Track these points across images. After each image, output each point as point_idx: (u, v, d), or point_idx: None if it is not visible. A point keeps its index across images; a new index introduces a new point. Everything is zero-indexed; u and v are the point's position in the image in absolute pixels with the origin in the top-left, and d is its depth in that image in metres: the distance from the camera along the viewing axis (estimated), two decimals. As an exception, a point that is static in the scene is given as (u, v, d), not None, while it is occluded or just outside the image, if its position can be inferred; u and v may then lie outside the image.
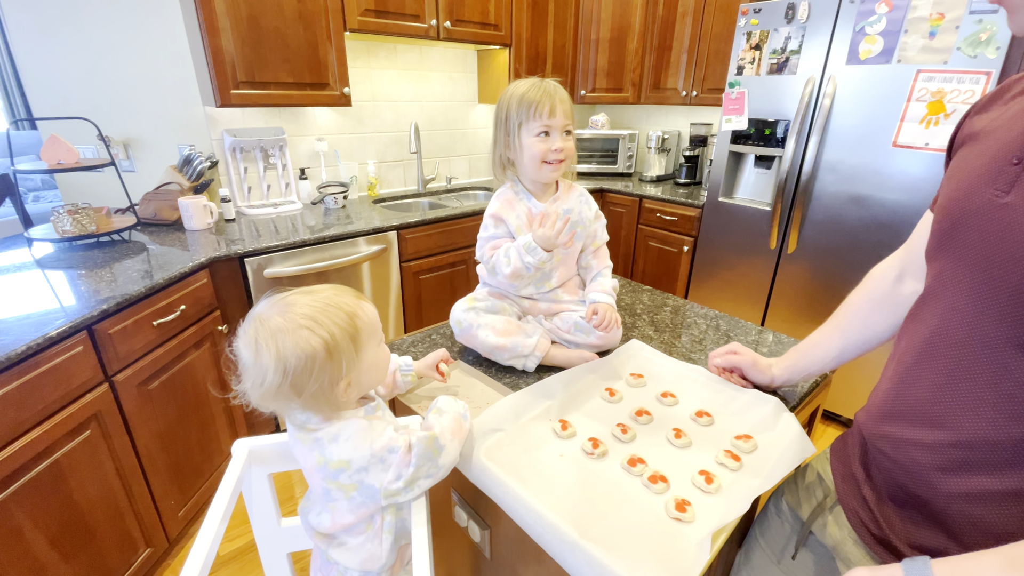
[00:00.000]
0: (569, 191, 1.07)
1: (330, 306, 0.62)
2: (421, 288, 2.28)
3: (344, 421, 0.66)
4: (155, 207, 1.97)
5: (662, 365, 0.96)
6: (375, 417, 0.70)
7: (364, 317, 0.65)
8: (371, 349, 0.66)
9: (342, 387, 0.63)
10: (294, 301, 0.62)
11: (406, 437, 0.66)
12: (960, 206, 0.54)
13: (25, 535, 1.05)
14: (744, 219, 2.27)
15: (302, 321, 0.60)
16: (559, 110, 0.93)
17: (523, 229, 1.02)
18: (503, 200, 1.04)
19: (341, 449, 0.64)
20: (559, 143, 0.96)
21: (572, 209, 1.04)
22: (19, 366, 1.03)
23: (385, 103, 2.55)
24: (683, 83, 2.69)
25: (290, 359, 0.59)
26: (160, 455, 1.42)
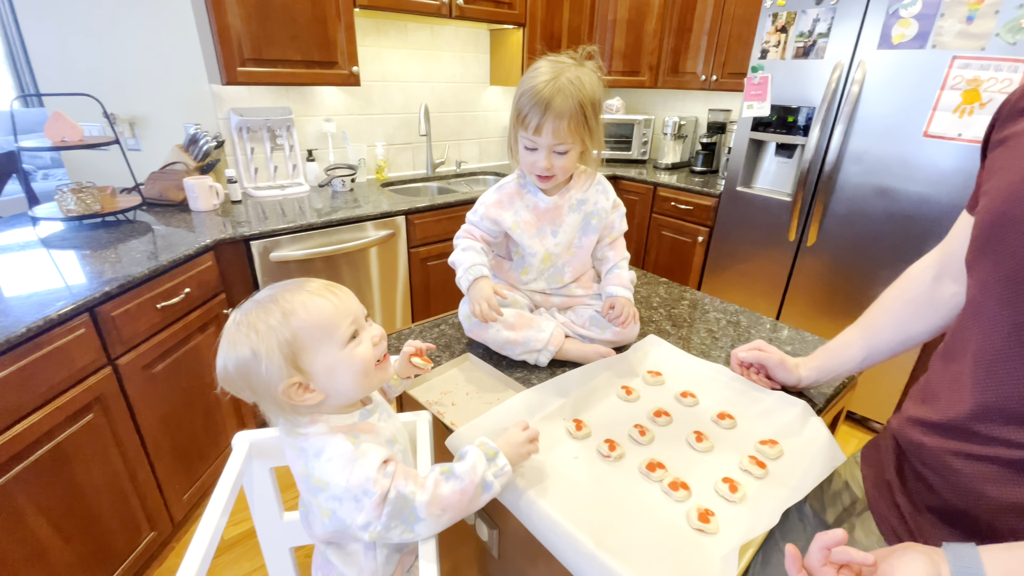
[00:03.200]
0: (584, 180, 0.98)
1: (271, 304, 0.57)
2: (429, 274, 2.25)
3: (330, 436, 0.59)
4: (160, 187, 1.93)
5: (681, 362, 0.92)
6: (366, 430, 0.62)
7: (305, 316, 0.56)
8: (324, 354, 0.57)
9: (292, 391, 0.57)
10: (258, 298, 0.59)
11: (386, 482, 0.56)
12: (998, 214, 0.50)
13: (28, 519, 1.03)
14: (762, 210, 2.20)
15: (242, 322, 0.56)
16: (547, 129, 0.82)
17: (519, 227, 0.96)
18: (503, 195, 0.97)
19: (323, 468, 0.58)
20: (543, 163, 0.87)
21: (586, 200, 0.98)
22: (20, 348, 1.01)
23: (395, 83, 2.48)
24: (702, 67, 2.60)
25: (229, 364, 0.56)
26: (164, 439, 1.41)
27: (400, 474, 0.58)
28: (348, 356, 0.59)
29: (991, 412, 0.49)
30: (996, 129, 0.58)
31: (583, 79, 0.83)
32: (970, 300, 0.55)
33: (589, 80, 0.84)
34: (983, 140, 0.60)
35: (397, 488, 0.57)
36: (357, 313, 0.61)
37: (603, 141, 0.89)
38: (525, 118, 0.83)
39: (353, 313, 0.61)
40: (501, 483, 0.62)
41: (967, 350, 0.53)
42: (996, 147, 0.56)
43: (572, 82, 0.81)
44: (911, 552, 0.42)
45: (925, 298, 0.72)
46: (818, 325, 2.12)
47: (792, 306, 2.21)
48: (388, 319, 2.17)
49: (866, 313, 0.80)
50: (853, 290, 2.01)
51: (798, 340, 1.05)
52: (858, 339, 0.79)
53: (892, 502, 0.60)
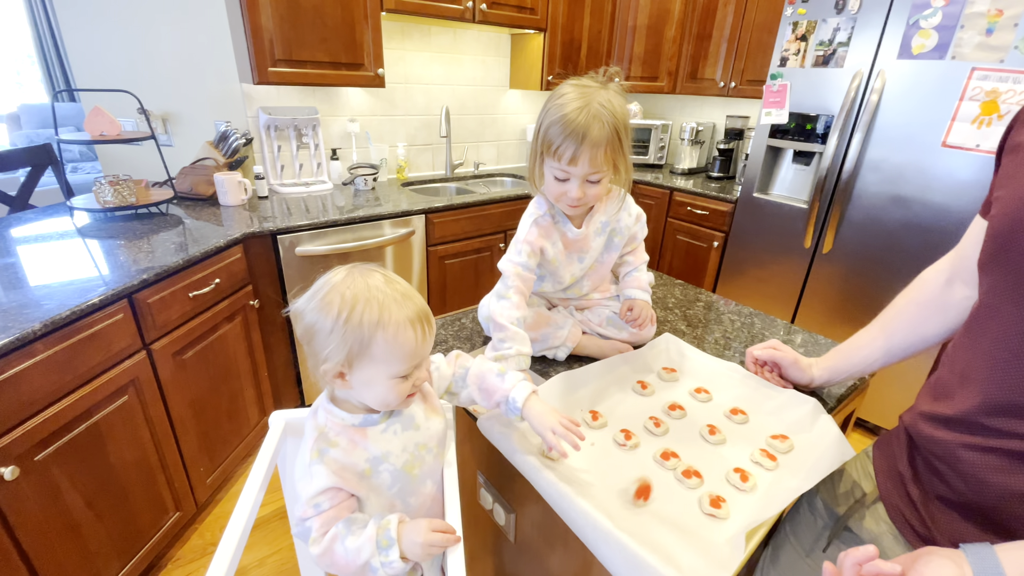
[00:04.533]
0: (607, 201, 0.95)
1: (376, 303, 0.58)
2: (446, 273, 2.29)
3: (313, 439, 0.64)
4: (191, 182, 2.00)
5: (696, 360, 0.95)
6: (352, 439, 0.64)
7: (388, 340, 0.58)
8: (376, 372, 0.60)
9: (329, 371, 0.60)
10: (372, 276, 0.61)
11: (309, 512, 0.61)
12: (1012, 219, 0.52)
13: (64, 494, 1.09)
14: (779, 216, 2.22)
15: (345, 292, 0.58)
16: (584, 158, 0.78)
17: (557, 259, 0.94)
18: (542, 228, 0.92)
19: (298, 467, 0.65)
20: (575, 192, 0.82)
21: (610, 221, 0.96)
22: (63, 330, 1.07)
23: (417, 86, 2.54)
24: (721, 73, 2.62)
25: (308, 314, 0.59)
26: (192, 423, 1.47)
27: (324, 520, 0.61)
28: (389, 384, 0.61)
29: (1001, 407, 0.52)
30: (1011, 135, 0.59)
31: (614, 103, 0.79)
32: (983, 302, 0.57)
33: (619, 103, 0.80)
34: (998, 146, 0.62)
35: (310, 524, 0.61)
36: (424, 357, 0.64)
37: (631, 161, 0.85)
38: (558, 149, 0.79)
39: (421, 357, 0.63)
40: (389, 574, 0.60)
41: (980, 349, 0.55)
42: (1010, 153, 0.58)
43: (604, 107, 0.78)
44: (936, 557, 0.44)
45: (938, 301, 0.74)
46: (832, 332, 2.12)
47: (806, 313, 2.21)
48: (405, 315, 2.22)
49: (880, 316, 0.82)
50: (868, 298, 2.01)
51: (811, 343, 1.07)
52: (871, 341, 0.82)
53: (904, 491, 0.62)
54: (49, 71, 4.68)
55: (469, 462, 0.94)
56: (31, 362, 1.00)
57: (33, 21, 4.46)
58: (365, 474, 0.65)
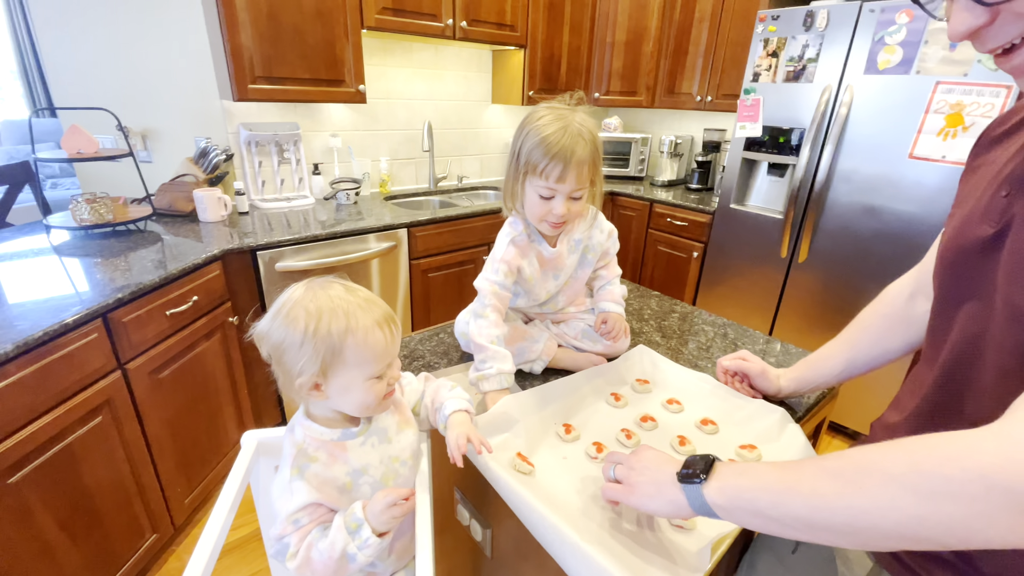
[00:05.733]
0: (579, 220, 0.96)
1: (342, 312, 0.60)
2: (429, 286, 2.30)
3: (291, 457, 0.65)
4: (171, 198, 1.99)
5: (668, 372, 0.96)
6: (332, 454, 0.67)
7: (359, 344, 0.61)
8: (351, 377, 0.62)
9: (304, 384, 0.61)
10: (332, 288, 0.64)
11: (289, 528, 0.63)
12: (954, 243, 0.55)
13: (36, 517, 1.07)
14: (755, 227, 2.26)
15: (309, 306, 0.61)
16: (571, 175, 0.81)
17: (534, 278, 0.96)
18: (519, 247, 0.93)
19: (275, 484, 0.66)
20: (560, 209, 0.84)
21: (582, 239, 0.98)
22: (36, 351, 1.05)
23: (399, 101, 2.56)
24: (698, 88, 2.68)
25: (275, 332, 0.61)
26: (168, 443, 1.45)
27: (302, 534, 0.63)
28: (365, 387, 0.63)
29: (943, 411, 0.54)
30: (971, 157, 0.62)
31: (587, 123, 0.83)
32: (931, 313, 0.60)
33: (592, 123, 0.85)
34: (965, 164, 0.64)
35: (288, 540, 0.62)
36: (395, 356, 0.66)
37: (602, 176, 0.89)
38: (544, 168, 0.81)
39: (392, 356, 0.66)
40: (367, 554, 0.62)
41: (932, 358, 0.58)
42: (967, 174, 0.61)
43: (583, 125, 0.82)
44: None
45: (901, 315, 0.77)
46: (810, 339, 2.16)
47: (784, 321, 2.25)
48: (388, 329, 2.22)
49: (846, 328, 0.84)
50: (843, 305, 2.05)
51: (783, 352, 1.09)
52: (837, 353, 0.84)
53: None
54: (30, 87, 4.64)
55: (447, 478, 0.94)
56: (3, 384, 0.98)
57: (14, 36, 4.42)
58: (346, 488, 0.67)
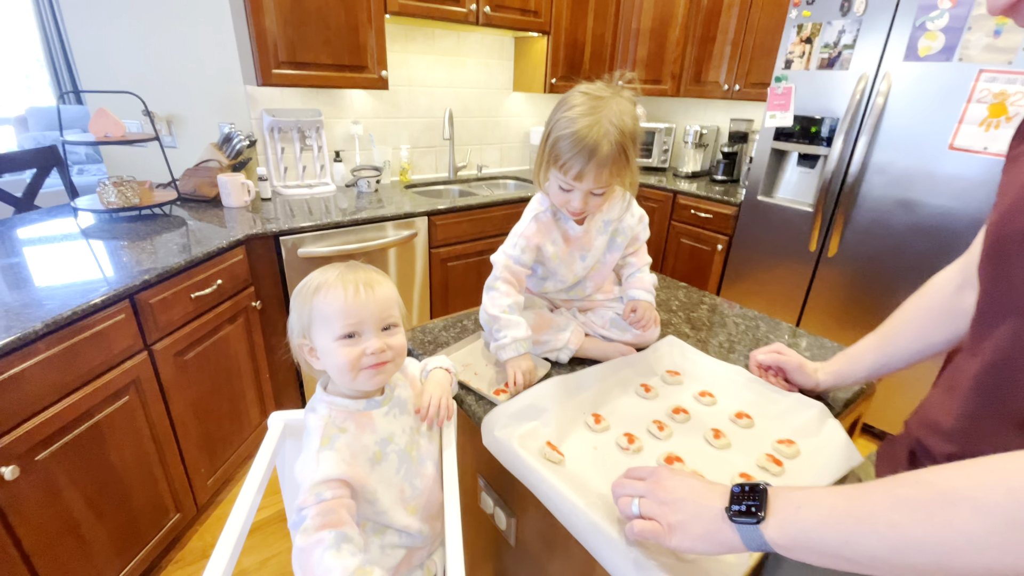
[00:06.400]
0: (611, 200, 0.93)
1: (325, 273, 0.65)
2: (448, 275, 2.29)
3: (317, 428, 0.64)
4: (195, 183, 2.01)
5: (700, 363, 0.93)
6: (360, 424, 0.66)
7: (321, 300, 0.63)
8: (323, 337, 0.64)
9: (300, 348, 0.67)
10: (347, 264, 0.68)
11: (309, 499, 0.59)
12: (1000, 232, 0.52)
13: (63, 494, 1.09)
14: (783, 219, 2.20)
15: (312, 275, 0.66)
16: (589, 176, 0.78)
17: (557, 257, 0.94)
18: (541, 224, 0.92)
19: (301, 456, 0.64)
20: (577, 205, 0.83)
21: (613, 220, 0.95)
22: (65, 330, 1.07)
23: (421, 88, 2.54)
24: (725, 76, 2.61)
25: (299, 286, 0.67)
26: (192, 424, 1.46)
27: (322, 510, 0.58)
28: (334, 349, 0.63)
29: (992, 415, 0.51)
30: (1012, 146, 0.58)
31: (625, 117, 0.77)
32: (977, 309, 0.56)
33: (631, 115, 0.79)
34: (1006, 155, 0.61)
35: (307, 515, 0.57)
36: (364, 317, 0.63)
37: (637, 171, 0.85)
38: (564, 164, 0.78)
39: (358, 316, 0.63)
40: None
41: (975, 350, 0.54)
42: (1010, 163, 0.58)
43: (614, 123, 0.76)
44: None
45: (947, 307, 0.73)
46: (837, 336, 2.09)
47: (811, 317, 2.20)
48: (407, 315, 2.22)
49: (887, 320, 0.81)
50: (873, 302, 1.99)
51: (816, 346, 1.05)
52: (878, 346, 0.80)
53: None
54: (56, 73, 4.71)
55: (470, 465, 0.93)
56: (32, 362, 1.00)
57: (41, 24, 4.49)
58: (376, 458, 0.66)
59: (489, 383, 0.87)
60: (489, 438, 0.73)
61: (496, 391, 0.84)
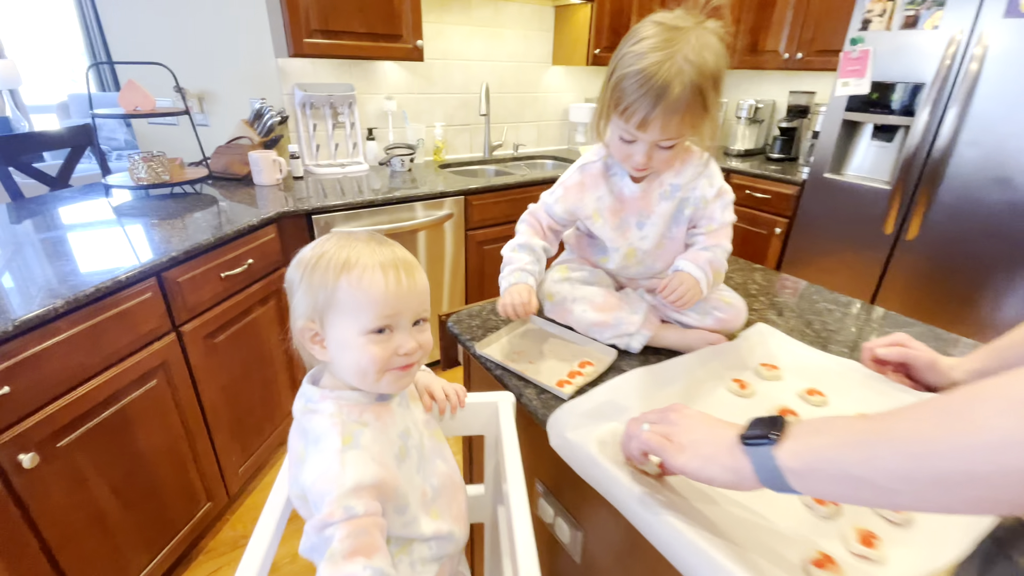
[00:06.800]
0: (686, 162, 0.80)
1: (345, 248, 0.52)
2: (484, 258, 2.17)
3: (331, 425, 0.51)
4: (226, 161, 1.94)
5: (801, 355, 0.79)
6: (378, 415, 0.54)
7: (353, 283, 0.50)
8: (346, 327, 0.51)
9: (301, 331, 0.53)
10: (355, 235, 0.56)
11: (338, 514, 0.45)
12: None
13: (88, 482, 1.02)
14: (854, 199, 2.00)
15: (319, 245, 0.54)
16: (655, 124, 0.66)
17: (601, 216, 0.83)
18: (587, 176, 0.83)
19: (312, 462, 0.49)
20: (640, 159, 0.71)
21: (683, 186, 0.80)
22: (88, 308, 0.99)
23: (456, 62, 2.41)
24: (786, 44, 2.39)
25: (288, 273, 0.55)
26: (223, 409, 1.39)
27: (354, 530, 0.45)
28: (360, 345, 0.51)
29: None
30: None
31: (706, 53, 0.64)
32: None
33: (714, 51, 0.65)
34: None
35: (334, 536, 0.44)
36: (402, 311, 0.52)
37: (718, 121, 0.71)
38: (626, 109, 0.66)
39: (396, 308, 0.52)
40: None
41: None
42: None
43: (691, 61, 0.63)
44: None
45: None
46: (914, 329, 1.90)
47: (885, 306, 1.99)
48: (435, 301, 2.11)
49: None
50: (960, 291, 1.78)
51: (931, 337, 0.89)
52: None
53: None
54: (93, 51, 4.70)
55: (526, 467, 0.81)
56: (53, 341, 0.92)
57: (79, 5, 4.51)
58: (400, 455, 0.56)
59: (548, 372, 0.75)
60: (559, 441, 0.61)
61: (559, 382, 0.72)
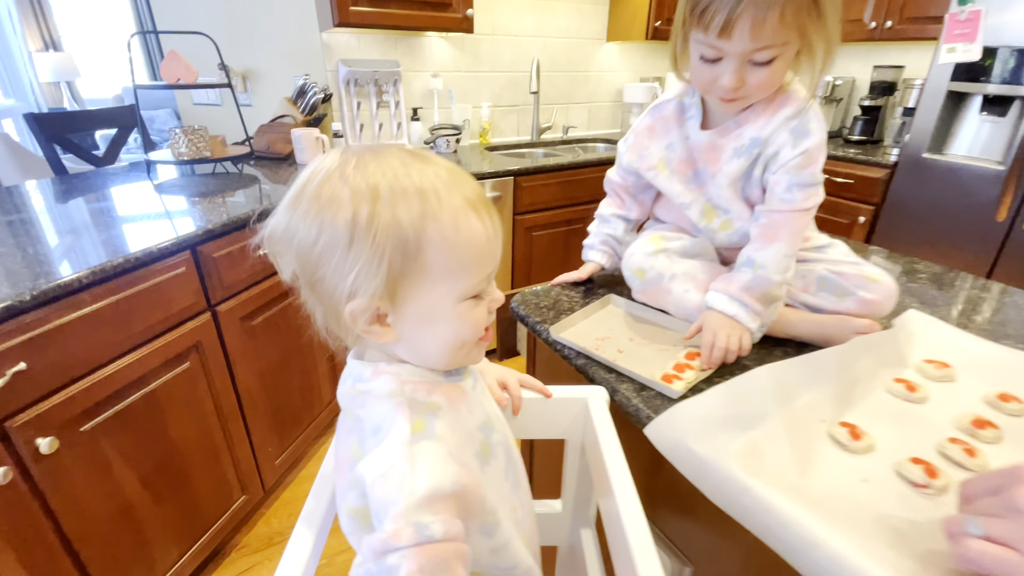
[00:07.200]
0: (774, 109, 0.62)
1: (410, 183, 0.35)
2: (533, 246, 2.03)
3: (395, 409, 0.37)
4: (268, 140, 1.87)
5: (976, 351, 0.61)
6: (452, 399, 0.40)
7: (448, 236, 0.36)
8: (437, 295, 0.37)
9: (362, 313, 0.36)
10: (386, 153, 0.37)
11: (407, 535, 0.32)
12: None
13: (113, 471, 0.94)
14: (959, 182, 1.75)
15: (355, 179, 0.35)
16: (743, 27, 0.52)
17: (668, 166, 0.70)
18: (658, 119, 0.72)
19: (372, 457, 0.36)
20: (729, 80, 0.56)
21: (762, 139, 0.62)
22: (117, 280, 0.91)
23: (505, 37, 2.27)
24: (873, 12, 2.14)
25: (301, 226, 0.36)
26: (260, 397, 1.30)
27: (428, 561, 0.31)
28: (459, 314, 0.38)
29: None
30: None
31: None
32: None
33: None
34: None
35: (401, 563, 0.31)
36: (497, 264, 0.41)
37: (836, 32, 0.55)
38: (705, 10, 0.53)
39: (494, 260, 0.40)
40: None
41: None
42: None
43: None
44: None
45: None
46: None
47: (991, 306, 1.74)
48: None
49: None
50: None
51: None
52: None
53: None
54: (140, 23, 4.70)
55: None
56: (76, 315, 0.84)
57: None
58: (483, 453, 0.41)
59: (643, 365, 0.60)
60: (681, 453, 0.46)
61: (664, 376, 0.57)
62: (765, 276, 0.61)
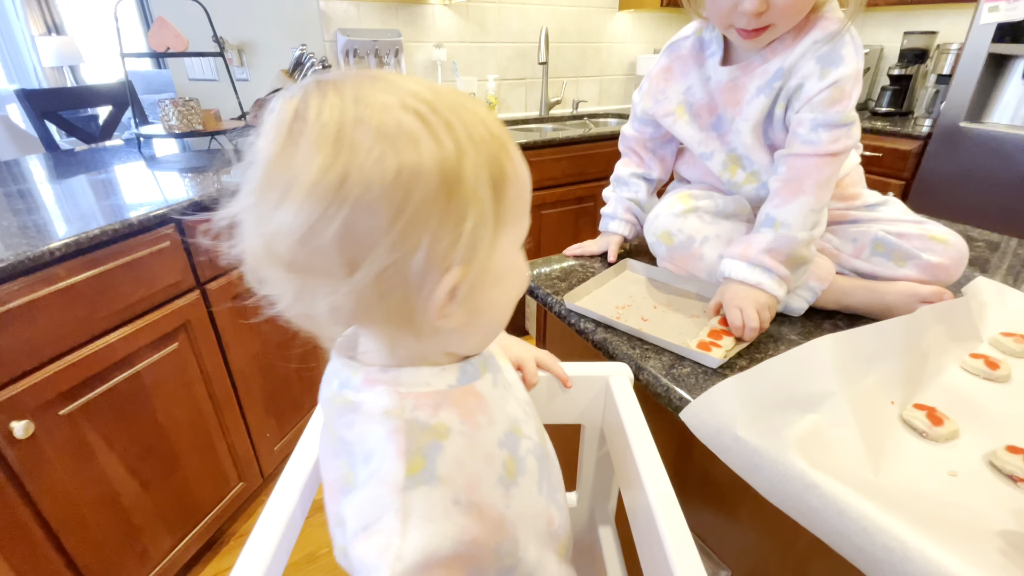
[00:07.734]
0: (801, 38, 0.53)
1: (478, 116, 0.27)
2: (542, 225, 1.94)
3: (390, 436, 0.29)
4: (264, 113, 1.79)
5: (1064, 324, 0.52)
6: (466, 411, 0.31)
7: (522, 181, 0.29)
8: (511, 242, 0.30)
9: (444, 287, 0.27)
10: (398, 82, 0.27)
11: None
12: None
13: (97, 457, 0.88)
14: (1001, 152, 1.63)
15: (420, 107, 0.25)
16: None
17: (686, 110, 0.63)
18: (674, 59, 0.65)
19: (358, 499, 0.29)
20: (750, 3, 0.49)
21: (784, 69, 0.54)
22: (94, 253, 0.84)
23: (511, 5, 2.16)
24: (905, -27, 2.00)
25: (355, 175, 0.24)
26: (256, 381, 1.24)
27: None
28: (521, 263, 0.32)
29: None
30: None
31: None
32: None
33: None
34: None
35: None
36: None
37: None
38: None
39: None
40: None
41: None
42: None
43: None
44: None
45: None
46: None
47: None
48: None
49: None
50: None
51: None
52: None
53: None
54: None
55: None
56: (49, 290, 0.77)
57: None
58: (508, 473, 0.32)
59: (672, 330, 0.52)
60: (727, 441, 0.38)
61: (700, 343, 0.49)
62: (789, 235, 0.52)
